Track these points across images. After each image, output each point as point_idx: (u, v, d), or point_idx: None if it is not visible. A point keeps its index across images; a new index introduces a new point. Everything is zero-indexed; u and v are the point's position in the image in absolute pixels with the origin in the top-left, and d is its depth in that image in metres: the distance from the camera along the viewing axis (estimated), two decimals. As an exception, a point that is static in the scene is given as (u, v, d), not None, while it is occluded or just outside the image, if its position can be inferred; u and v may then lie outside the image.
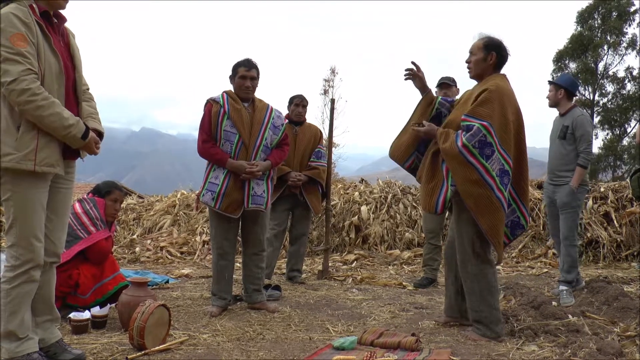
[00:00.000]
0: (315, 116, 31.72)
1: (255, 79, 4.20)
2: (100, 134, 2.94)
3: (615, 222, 7.72)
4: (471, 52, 3.68)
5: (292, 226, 5.75)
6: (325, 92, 28.56)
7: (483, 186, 3.36)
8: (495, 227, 3.41)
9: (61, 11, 2.84)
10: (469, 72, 3.71)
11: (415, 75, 3.81)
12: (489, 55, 3.59)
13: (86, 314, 3.55)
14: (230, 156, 4.12)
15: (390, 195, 8.90)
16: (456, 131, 3.46)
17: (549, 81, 5.25)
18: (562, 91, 5.06)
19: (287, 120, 4.44)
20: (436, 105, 3.82)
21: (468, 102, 3.58)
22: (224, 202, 4.10)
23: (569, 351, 3.05)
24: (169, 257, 7.88)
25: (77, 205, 4.03)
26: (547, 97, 5.19)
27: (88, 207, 4.04)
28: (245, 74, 4.16)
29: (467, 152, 3.34)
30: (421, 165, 3.74)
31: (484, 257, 3.54)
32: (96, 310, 3.64)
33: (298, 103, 5.56)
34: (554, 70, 29.93)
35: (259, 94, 4.36)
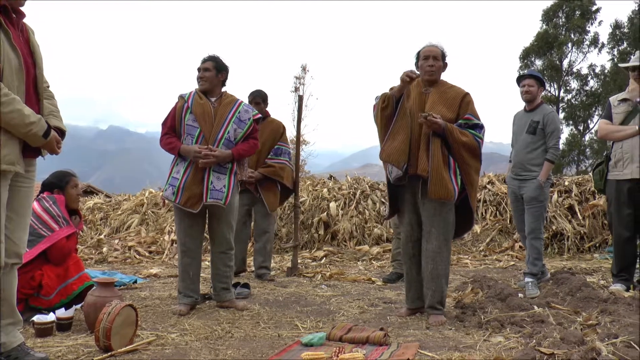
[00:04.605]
0: (285, 113, 31.51)
1: (208, 70, 4.22)
2: (62, 132, 2.88)
3: (578, 214, 7.91)
4: (435, 58, 3.88)
5: (255, 223, 5.74)
6: (296, 89, 28.36)
7: (479, 174, 3.92)
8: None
9: (20, 7, 2.77)
10: (431, 75, 3.89)
11: (410, 82, 3.78)
12: (445, 64, 3.98)
13: (51, 317, 3.47)
14: None
15: (359, 191, 8.95)
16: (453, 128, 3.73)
17: (530, 75, 5.20)
18: (540, 87, 5.15)
19: (259, 115, 4.41)
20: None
21: (442, 102, 3.81)
22: (183, 196, 4.08)
23: (534, 341, 3.10)
24: (137, 256, 7.79)
25: (36, 205, 3.92)
26: (526, 92, 5.10)
27: (47, 205, 3.93)
28: (199, 66, 4.27)
29: (481, 147, 3.84)
30: (422, 157, 3.77)
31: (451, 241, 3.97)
32: (61, 312, 3.57)
33: (251, 100, 5.63)
34: (520, 67, 30.39)
35: (230, 91, 4.39)
